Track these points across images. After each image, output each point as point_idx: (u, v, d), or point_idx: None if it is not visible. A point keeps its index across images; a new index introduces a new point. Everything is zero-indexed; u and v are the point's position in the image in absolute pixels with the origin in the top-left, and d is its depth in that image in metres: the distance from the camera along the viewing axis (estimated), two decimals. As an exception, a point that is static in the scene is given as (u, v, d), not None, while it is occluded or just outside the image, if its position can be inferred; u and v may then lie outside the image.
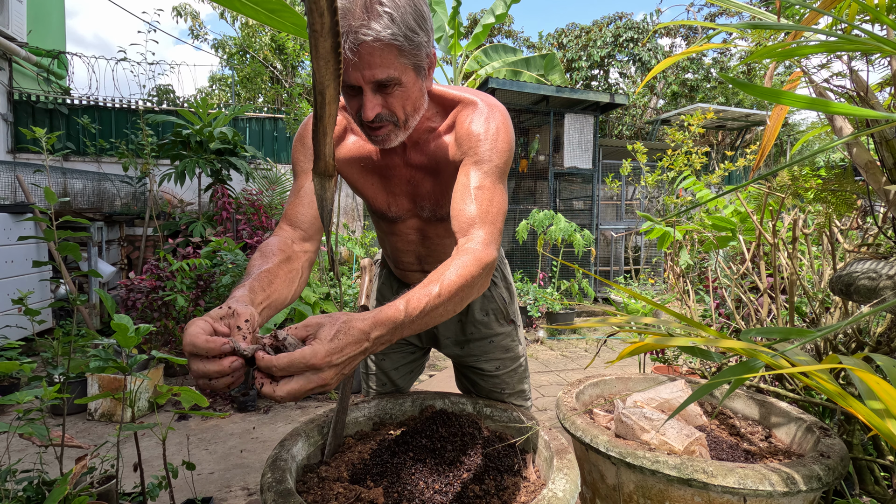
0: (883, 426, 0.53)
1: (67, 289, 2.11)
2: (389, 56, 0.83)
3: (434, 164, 1.05)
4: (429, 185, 1.08)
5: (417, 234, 1.18)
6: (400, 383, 1.42)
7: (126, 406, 1.90)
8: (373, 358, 1.40)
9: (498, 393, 1.35)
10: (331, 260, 0.88)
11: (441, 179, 1.06)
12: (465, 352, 1.34)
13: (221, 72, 11.07)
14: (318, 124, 0.58)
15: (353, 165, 1.09)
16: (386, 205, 1.13)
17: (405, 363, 1.42)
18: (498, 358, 1.33)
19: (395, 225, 1.18)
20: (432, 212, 1.12)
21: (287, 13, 0.53)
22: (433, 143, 1.04)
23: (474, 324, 1.32)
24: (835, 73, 1.15)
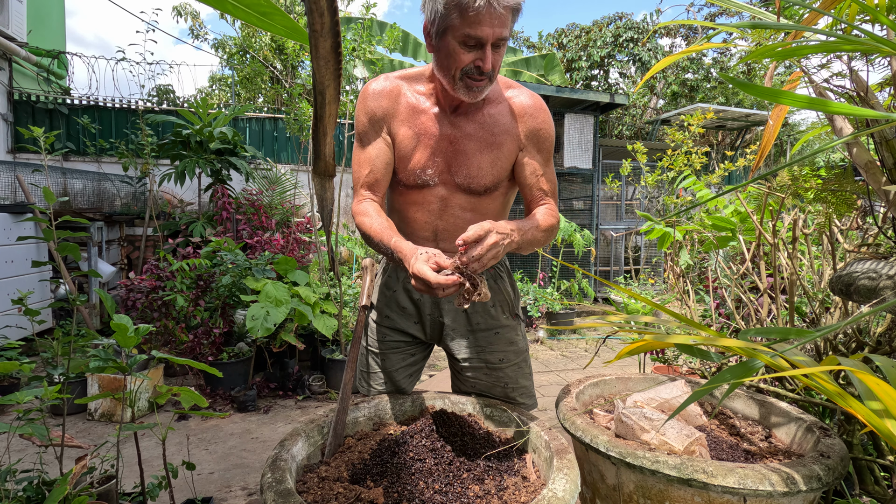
0: (882, 426, 0.53)
1: (67, 289, 2.11)
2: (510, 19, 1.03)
3: (484, 132, 1.19)
4: (472, 149, 1.20)
5: (440, 204, 1.25)
6: (402, 384, 1.41)
7: (126, 406, 1.90)
8: (375, 358, 1.40)
9: (501, 388, 1.35)
10: (331, 260, 0.89)
11: (486, 148, 1.20)
12: (470, 342, 1.36)
13: (221, 72, 11.06)
14: (318, 124, 0.58)
15: (404, 125, 1.21)
16: (423, 166, 1.21)
17: (406, 364, 1.41)
18: (502, 350, 1.35)
19: (422, 192, 1.24)
20: (466, 178, 1.21)
21: (279, 16, 0.53)
22: (485, 111, 1.20)
23: (481, 314, 1.35)
24: (835, 73, 1.15)
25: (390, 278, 1.40)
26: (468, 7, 0.99)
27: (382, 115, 1.21)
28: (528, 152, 1.23)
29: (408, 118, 1.21)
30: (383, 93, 1.22)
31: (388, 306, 1.38)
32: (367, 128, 1.23)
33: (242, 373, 3.17)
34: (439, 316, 1.36)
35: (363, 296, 1.34)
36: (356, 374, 1.45)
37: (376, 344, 1.40)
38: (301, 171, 6.38)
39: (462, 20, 1.02)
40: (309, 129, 4.08)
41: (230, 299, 3.27)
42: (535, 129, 1.22)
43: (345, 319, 3.57)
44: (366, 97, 1.22)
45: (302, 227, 4.37)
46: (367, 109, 1.22)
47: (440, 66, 1.12)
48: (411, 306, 1.37)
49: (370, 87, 1.22)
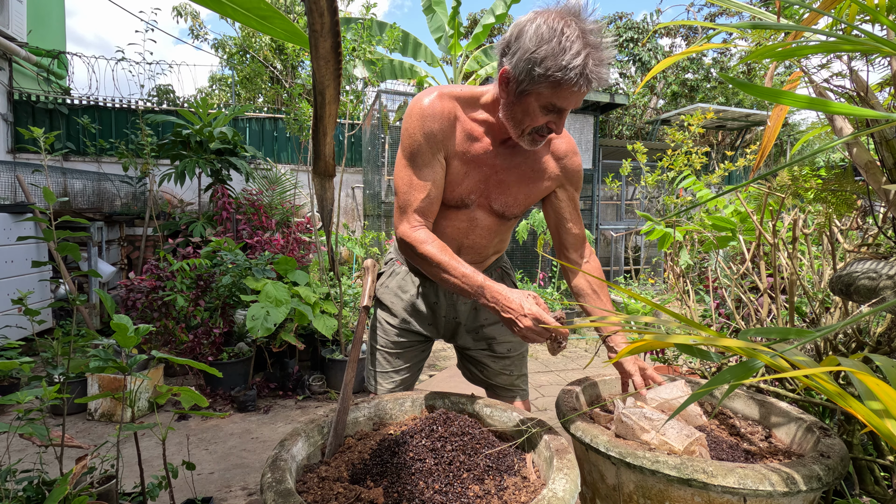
0: (882, 426, 0.53)
1: (67, 289, 2.11)
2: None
3: (526, 167, 1.26)
4: (512, 180, 1.26)
5: (468, 224, 1.31)
6: (410, 381, 1.49)
7: (126, 406, 1.90)
8: (387, 357, 1.46)
9: (507, 375, 1.48)
10: (331, 260, 0.89)
11: (524, 180, 1.27)
12: (480, 336, 1.46)
13: (221, 72, 11.07)
14: (318, 124, 0.58)
15: (459, 150, 1.22)
16: (469, 192, 1.26)
17: (416, 361, 1.50)
18: (509, 340, 1.47)
19: (457, 211, 1.29)
20: (502, 206, 1.29)
21: (278, 19, 0.53)
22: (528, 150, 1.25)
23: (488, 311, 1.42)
24: (835, 73, 1.15)
25: (404, 282, 1.44)
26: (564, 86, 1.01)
27: (441, 137, 1.19)
28: (569, 190, 1.33)
29: (462, 144, 1.21)
30: (442, 114, 1.18)
31: (405, 310, 1.44)
32: (424, 149, 1.18)
33: (242, 373, 3.17)
34: (455, 317, 1.45)
35: (364, 296, 1.34)
36: (366, 372, 1.52)
37: (390, 344, 1.45)
38: (301, 171, 6.38)
39: (553, 91, 1.03)
40: (309, 129, 4.08)
41: (230, 299, 3.27)
42: (574, 170, 1.31)
43: (345, 319, 3.57)
44: (423, 116, 1.17)
45: (302, 227, 4.37)
46: (426, 129, 1.17)
47: (512, 116, 1.12)
48: (427, 310, 1.44)
49: (427, 105, 1.17)
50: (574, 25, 1.00)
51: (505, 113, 1.14)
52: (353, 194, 7.74)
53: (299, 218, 4.89)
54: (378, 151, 6.64)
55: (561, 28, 0.99)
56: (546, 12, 1.03)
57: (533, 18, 1.03)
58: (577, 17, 1.02)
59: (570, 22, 1.00)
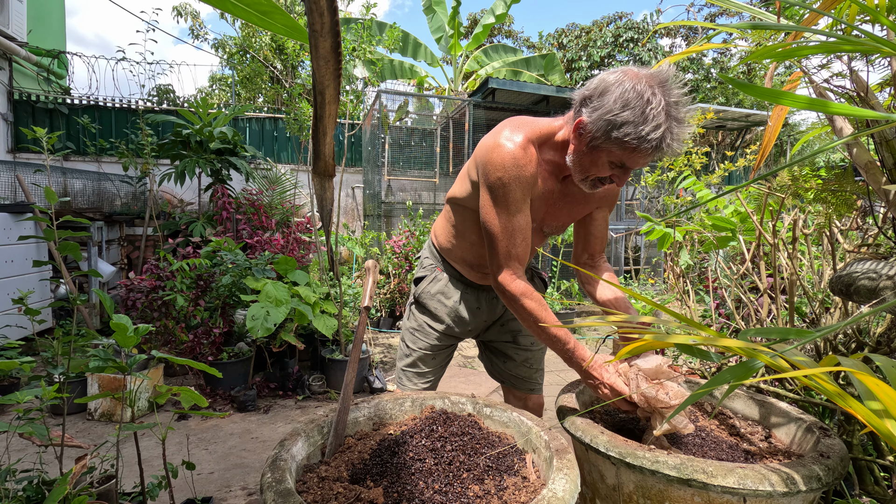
0: (882, 426, 0.53)
1: (67, 288, 2.11)
2: None
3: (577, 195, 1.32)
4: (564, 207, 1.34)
5: None
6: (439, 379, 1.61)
7: (126, 406, 1.91)
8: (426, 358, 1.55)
9: (527, 368, 1.57)
10: (331, 260, 0.89)
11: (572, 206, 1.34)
12: (506, 329, 1.56)
13: (221, 72, 11.07)
14: (318, 124, 0.58)
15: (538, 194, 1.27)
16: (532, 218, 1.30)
17: (447, 359, 1.61)
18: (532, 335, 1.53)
19: None
20: (552, 229, 1.39)
21: (279, 15, 0.53)
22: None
23: None
24: (835, 74, 1.15)
25: (447, 288, 1.52)
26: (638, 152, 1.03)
27: (532, 182, 1.21)
28: (604, 209, 1.41)
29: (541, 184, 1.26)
30: (531, 161, 1.19)
31: (448, 315, 1.51)
32: (519, 196, 1.20)
33: (242, 373, 3.17)
34: (493, 317, 1.56)
35: (365, 297, 1.34)
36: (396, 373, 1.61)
37: (429, 347, 1.54)
38: (301, 170, 6.38)
39: (624, 153, 1.06)
40: (309, 129, 4.08)
41: (230, 299, 3.27)
42: (615, 193, 1.40)
43: (345, 319, 3.57)
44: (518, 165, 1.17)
45: (302, 227, 4.37)
46: (521, 178, 1.18)
47: (580, 163, 1.16)
48: (469, 315, 1.51)
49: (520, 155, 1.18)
50: (660, 97, 1.00)
51: (574, 158, 1.16)
52: (353, 194, 7.74)
53: (299, 218, 4.89)
54: (378, 151, 6.64)
55: (647, 97, 0.99)
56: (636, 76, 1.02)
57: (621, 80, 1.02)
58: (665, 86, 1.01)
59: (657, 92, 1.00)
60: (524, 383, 1.58)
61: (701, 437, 1.22)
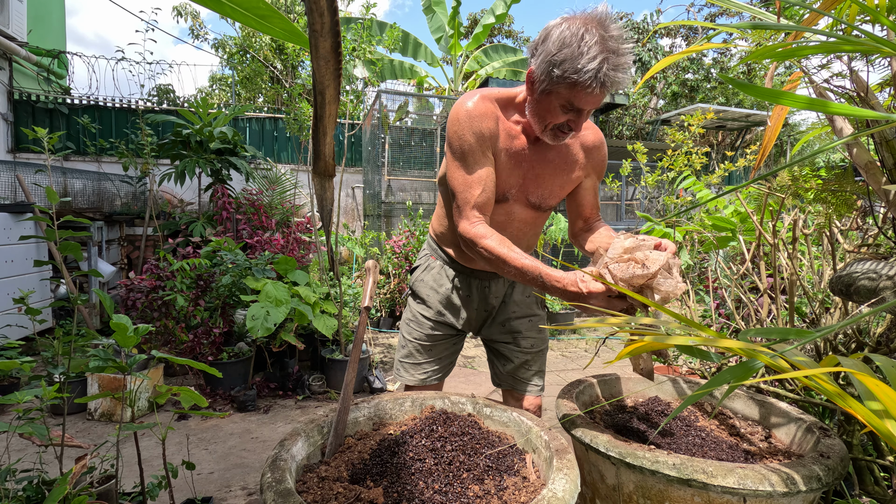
0: (882, 426, 0.53)
1: (67, 288, 2.11)
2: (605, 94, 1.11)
3: (559, 160, 1.33)
4: (548, 174, 1.33)
5: (506, 217, 1.37)
6: (440, 374, 1.56)
7: (126, 406, 1.91)
8: (421, 351, 1.53)
9: (526, 369, 1.53)
10: (331, 260, 0.89)
11: (559, 173, 1.34)
12: (507, 329, 1.53)
13: (221, 71, 11.07)
14: (318, 124, 0.58)
15: (503, 147, 1.29)
16: (510, 185, 1.32)
17: (448, 355, 1.57)
18: (533, 336, 1.53)
19: (498, 205, 1.34)
20: (539, 198, 1.35)
21: (277, 19, 0.53)
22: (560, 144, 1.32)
23: (517, 304, 1.53)
24: (835, 74, 1.15)
25: (440, 275, 1.53)
26: (581, 87, 1.07)
27: (489, 135, 1.25)
28: (592, 179, 1.41)
29: (505, 141, 1.29)
30: (487, 114, 1.25)
31: (440, 303, 1.52)
32: (475, 147, 1.24)
33: (242, 373, 3.17)
34: (485, 309, 1.52)
35: (365, 297, 1.34)
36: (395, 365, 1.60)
37: (423, 337, 1.53)
38: (301, 170, 6.38)
39: (570, 91, 1.10)
40: (309, 129, 4.08)
41: (230, 299, 3.27)
42: (601, 160, 1.40)
43: (345, 319, 3.57)
44: (471, 116, 1.23)
45: (302, 227, 4.37)
46: (475, 129, 1.23)
47: (536, 113, 1.19)
48: (460, 302, 1.51)
49: (472, 107, 1.24)
50: (595, 31, 1.05)
51: (530, 109, 1.21)
52: (353, 194, 7.74)
53: (299, 218, 4.89)
54: (378, 151, 6.63)
55: (582, 33, 1.05)
56: (572, 18, 1.09)
57: (559, 23, 1.09)
58: (600, 23, 1.07)
59: (591, 28, 1.06)
60: (523, 385, 1.56)
61: (701, 437, 1.22)
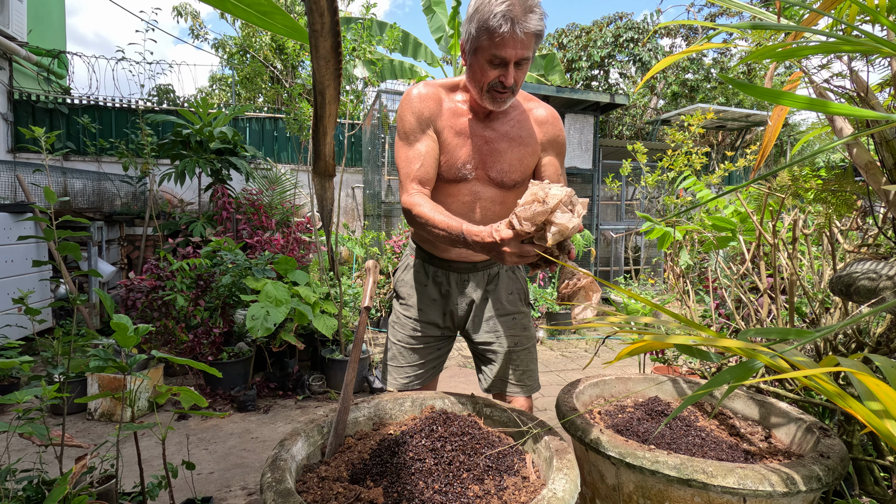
0: (882, 426, 0.53)
1: (67, 288, 2.11)
2: (532, 42, 1.18)
3: (514, 133, 1.36)
4: (504, 148, 1.36)
5: (472, 197, 1.38)
6: (424, 378, 1.52)
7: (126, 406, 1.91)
8: (404, 351, 1.51)
9: (512, 369, 1.50)
10: (331, 260, 0.89)
11: (515, 147, 1.36)
12: (491, 327, 1.50)
13: (221, 71, 11.07)
14: (318, 124, 0.58)
15: (447, 125, 1.35)
16: (463, 161, 1.35)
17: (433, 358, 1.54)
18: (517, 335, 1.50)
19: (458, 185, 1.37)
20: (499, 173, 1.36)
21: (279, 15, 0.53)
22: (512, 117, 1.37)
23: (499, 301, 1.50)
24: (835, 74, 1.15)
25: (419, 273, 1.52)
26: (495, 33, 1.15)
27: (429, 115, 1.34)
28: (550, 155, 1.41)
29: (450, 119, 1.35)
30: (428, 96, 1.34)
31: (420, 300, 1.50)
32: (415, 127, 1.33)
33: (242, 373, 3.17)
34: (466, 304, 1.50)
35: (366, 297, 1.34)
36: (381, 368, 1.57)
37: (406, 338, 1.50)
38: (301, 170, 6.38)
39: (490, 43, 1.18)
40: (309, 129, 4.08)
41: (230, 299, 3.27)
42: (555, 135, 1.40)
43: (345, 319, 3.57)
44: (411, 100, 1.33)
45: (302, 227, 4.37)
46: (415, 110, 1.33)
47: (471, 78, 1.27)
48: (440, 297, 1.50)
49: (414, 92, 1.35)
50: None
51: (468, 78, 1.29)
52: (353, 194, 7.74)
53: (299, 218, 4.89)
54: (378, 151, 6.63)
55: None
56: None
57: None
58: None
59: None
60: (511, 386, 1.51)
61: (701, 437, 1.22)
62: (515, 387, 1.51)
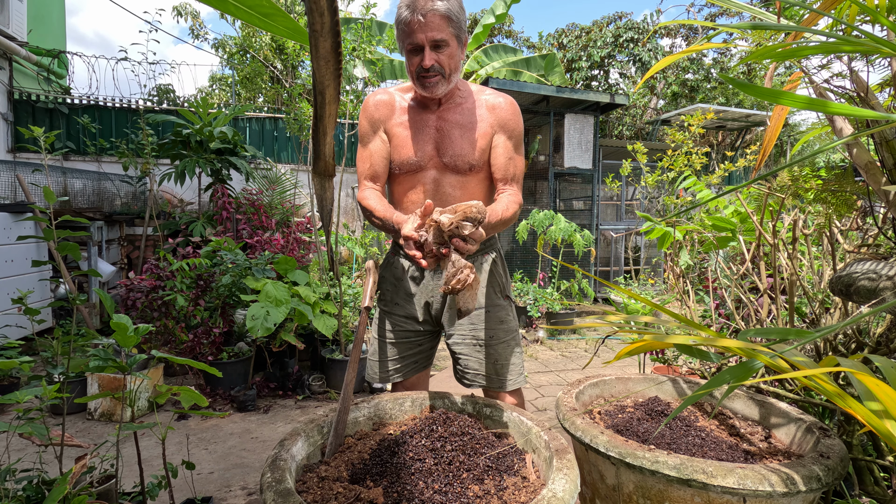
0: (882, 427, 0.53)
1: (67, 288, 2.11)
2: (443, 24, 1.28)
3: (464, 120, 1.43)
4: (455, 134, 1.43)
5: (432, 185, 1.45)
6: (406, 372, 1.53)
7: (126, 405, 1.90)
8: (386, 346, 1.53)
9: (491, 364, 1.47)
10: (330, 260, 0.89)
11: (466, 132, 1.43)
12: (463, 321, 1.49)
13: (221, 71, 11.07)
14: (318, 124, 0.58)
15: (398, 123, 1.45)
16: (415, 150, 1.43)
17: (415, 353, 1.55)
18: (492, 328, 1.49)
19: (416, 175, 1.45)
20: (452, 157, 1.42)
21: (280, 17, 0.53)
22: (464, 105, 1.45)
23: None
24: (835, 74, 1.15)
25: (396, 269, 1.55)
26: (402, 23, 1.30)
27: (379, 118, 1.47)
28: (500, 137, 1.46)
29: (400, 117, 1.46)
30: (381, 102, 1.48)
31: (396, 294, 1.54)
32: (368, 130, 1.48)
33: (242, 372, 3.17)
34: (440, 295, 1.51)
35: (365, 297, 1.34)
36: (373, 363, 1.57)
37: (387, 333, 1.53)
38: (301, 170, 6.38)
39: (403, 34, 1.32)
40: (309, 129, 4.08)
41: (230, 299, 3.27)
42: (505, 118, 1.45)
43: (345, 319, 3.57)
44: (367, 107, 1.48)
45: (302, 227, 4.37)
46: (368, 115, 1.48)
47: (408, 73, 1.39)
48: (415, 288, 1.52)
49: (370, 99, 1.49)
50: None
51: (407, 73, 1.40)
52: (353, 194, 7.74)
53: (299, 218, 4.88)
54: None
55: None
56: None
57: None
58: None
59: None
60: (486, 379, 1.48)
61: (701, 437, 1.22)
62: (493, 380, 1.47)
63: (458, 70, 1.38)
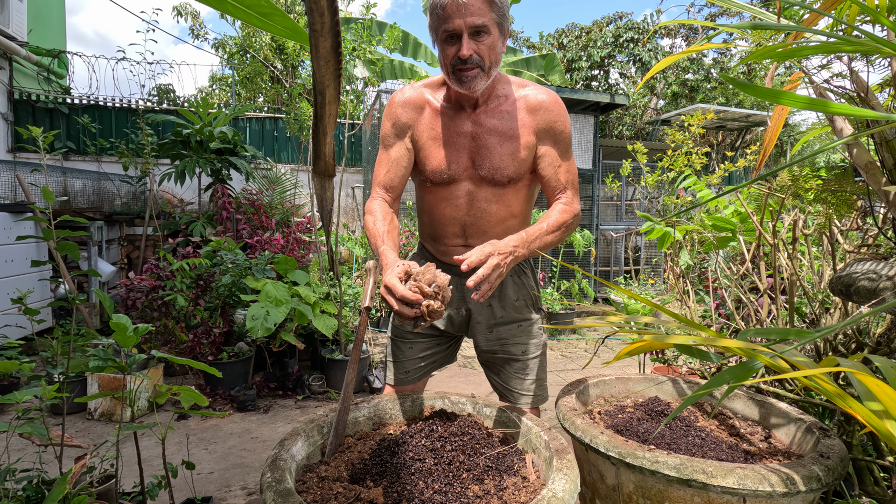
0: (882, 427, 0.53)
1: (67, 288, 2.11)
2: (485, 7, 1.13)
3: (503, 126, 1.27)
4: (493, 143, 1.27)
5: (467, 198, 1.31)
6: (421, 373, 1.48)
7: (126, 405, 1.90)
8: (399, 345, 1.47)
9: (521, 379, 1.42)
10: (331, 260, 0.90)
11: (505, 140, 1.26)
12: (495, 335, 1.42)
13: (221, 71, 11.07)
14: (318, 124, 0.58)
15: (427, 128, 1.31)
16: (448, 162, 1.29)
17: (431, 354, 1.49)
18: (524, 342, 1.41)
19: (449, 188, 1.31)
20: (489, 170, 1.27)
21: (279, 17, 0.53)
22: (502, 108, 1.28)
23: (505, 307, 1.41)
24: (835, 74, 1.15)
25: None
26: (438, 7, 1.14)
27: (406, 121, 1.32)
28: (545, 144, 1.29)
29: (431, 121, 1.31)
30: (409, 102, 1.32)
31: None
32: (390, 133, 1.33)
33: (242, 372, 3.17)
34: (465, 310, 1.43)
35: (365, 297, 1.34)
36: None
37: (400, 332, 1.47)
38: (301, 170, 6.38)
39: (438, 20, 1.16)
40: (309, 129, 4.07)
41: (230, 299, 3.27)
42: (550, 121, 1.27)
43: (345, 319, 3.57)
44: (393, 105, 1.32)
45: (302, 227, 4.37)
46: (392, 116, 1.32)
47: (442, 65, 1.23)
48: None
49: (397, 97, 1.33)
50: None
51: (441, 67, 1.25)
52: (353, 194, 7.74)
53: (299, 218, 4.88)
54: (378, 151, 6.62)
55: None
56: None
57: None
58: None
59: None
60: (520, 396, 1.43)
61: (701, 437, 1.22)
62: (525, 397, 1.42)
63: (498, 63, 1.21)
